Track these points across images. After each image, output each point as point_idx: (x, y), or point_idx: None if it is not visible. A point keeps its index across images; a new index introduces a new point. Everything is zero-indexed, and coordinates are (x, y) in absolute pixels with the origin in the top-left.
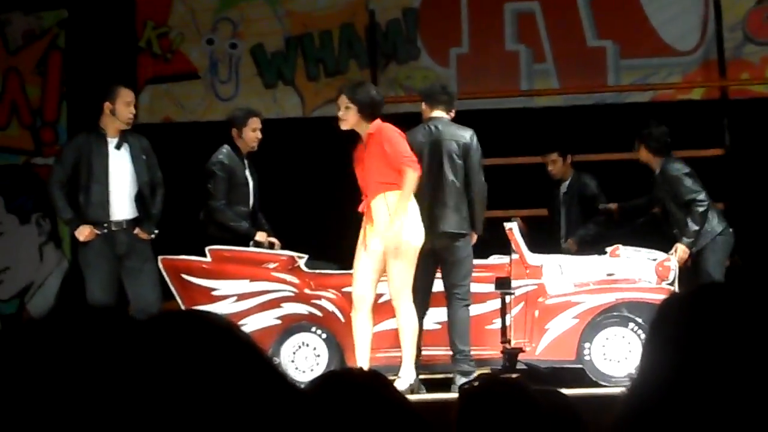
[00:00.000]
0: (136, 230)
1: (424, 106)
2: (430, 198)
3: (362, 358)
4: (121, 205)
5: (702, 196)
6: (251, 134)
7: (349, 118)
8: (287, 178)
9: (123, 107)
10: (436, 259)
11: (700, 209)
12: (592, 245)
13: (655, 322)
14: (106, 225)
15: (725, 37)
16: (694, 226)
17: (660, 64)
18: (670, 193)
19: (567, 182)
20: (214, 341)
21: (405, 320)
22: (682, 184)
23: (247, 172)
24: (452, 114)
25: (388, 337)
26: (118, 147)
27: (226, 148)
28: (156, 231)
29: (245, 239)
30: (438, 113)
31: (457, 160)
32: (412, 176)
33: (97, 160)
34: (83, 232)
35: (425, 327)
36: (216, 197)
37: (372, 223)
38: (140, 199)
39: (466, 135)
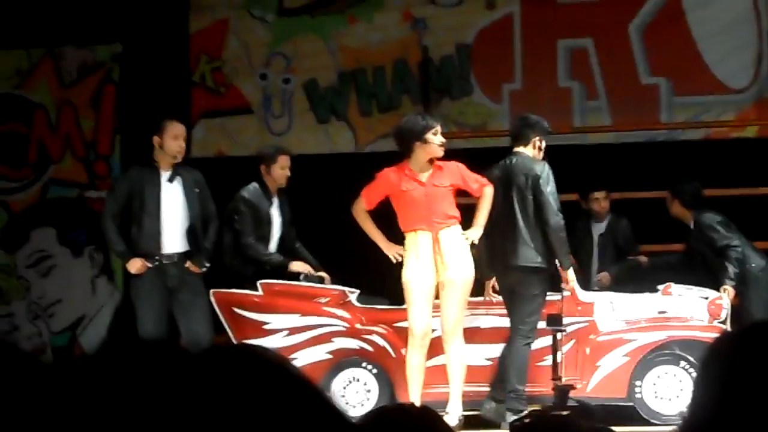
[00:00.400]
0: (188, 263)
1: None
2: (502, 233)
3: (416, 394)
4: (173, 238)
5: (736, 241)
6: (280, 172)
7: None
8: (339, 214)
9: (171, 141)
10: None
11: (734, 255)
12: (624, 283)
13: (705, 360)
14: (157, 258)
15: None
16: (733, 269)
17: (714, 101)
18: (706, 242)
19: (604, 222)
20: (267, 376)
21: (460, 355)
22: (717, 231)
23: (273, 210)
24: (537, 144)
25: (439, 373)
26: (170, 180)
27: (253, 186)
28: (207, 264)
29: (277, 271)
30: (518, 148)
31: (527, 194)
32: (491, 193)
33: (149, 193)
34: (135, 265)
35: (476, 363)
36: (245, 233)
37: (439, 255)
38: (192, 233)
39: (537, 168)
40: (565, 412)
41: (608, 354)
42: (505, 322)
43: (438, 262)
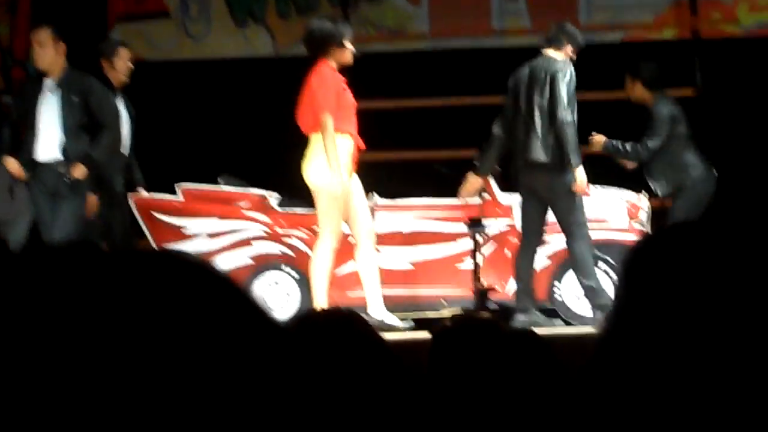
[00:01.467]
0: (62, 170)
1: None
2: (524, 129)
3: (324, 297)
4: (47, 147)
5: (672, 144)
6: (122, 64)
7: None
8: (259, 118)
9: (35, 47)
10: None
11: (665, 159)
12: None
13: (627, 262)
14: (34, 165)
15: None
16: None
17: (631, 3)
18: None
19: None
20: (190, 278)
21: (375, 258)
22: (660, 127)
23: (120, 105)
24: (569, 53)
25: (355, 278)
26: (52, 90)
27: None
28: (73, 173)
29: None
30: (549, 50)
31: (545, 91)
32: None
33: (29, 104)
34: (8, 163)
35: (399, 267)
36: None
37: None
38: (64, 142)
39: (558, 65)
40: (486, 315)
41: None
42: (426, 226)
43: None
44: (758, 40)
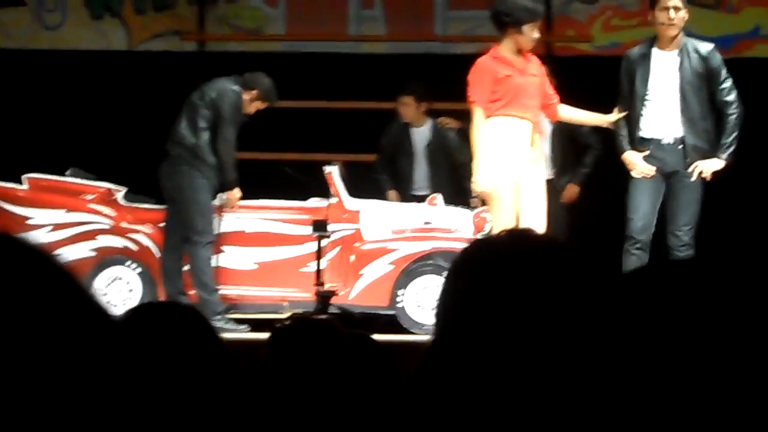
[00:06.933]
0: None
1: None
2: None
3: None
4: None
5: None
6: None
7: None
8: (110, 112)
9: None
10: None
11: None
12: None
13: (453, 266)
14: None
15: None
16: None
17: (487, 16)
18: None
19: (425, 132)
20: (26, 263)
21: None
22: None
23: None
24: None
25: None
26: None
27: None
28: None
29: None
30: None
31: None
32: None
33: None
34: None
35: (242, 267)
36: None
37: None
38: None
39: None
40: (326, 318)
41: (372, 262)
42: (271, 227)
43: None
44: (609, 59)
